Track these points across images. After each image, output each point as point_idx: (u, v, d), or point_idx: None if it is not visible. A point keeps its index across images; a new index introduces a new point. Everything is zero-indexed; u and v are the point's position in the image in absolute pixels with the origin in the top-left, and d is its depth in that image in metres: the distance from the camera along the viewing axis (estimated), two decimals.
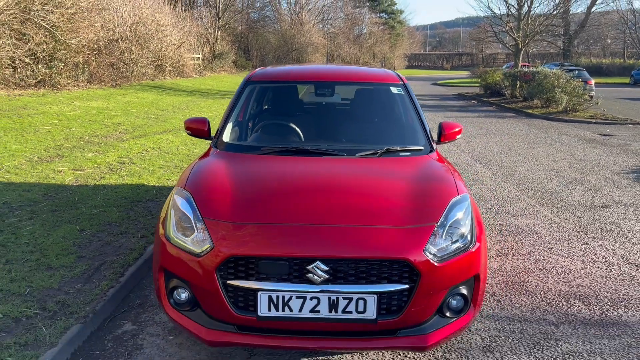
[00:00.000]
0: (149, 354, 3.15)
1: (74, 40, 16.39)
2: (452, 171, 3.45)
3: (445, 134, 3.98)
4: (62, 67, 16.05)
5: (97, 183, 6.40)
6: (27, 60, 14.92)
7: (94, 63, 17.97)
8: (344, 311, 2.67)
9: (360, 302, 2.67)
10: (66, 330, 3.16)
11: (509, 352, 3.27)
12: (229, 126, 3.92)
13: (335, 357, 3.15)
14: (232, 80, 29.72)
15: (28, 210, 5.20)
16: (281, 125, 4.02)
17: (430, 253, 2.74)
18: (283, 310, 2.67)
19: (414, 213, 2.90)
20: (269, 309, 2.68)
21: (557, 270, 4.55)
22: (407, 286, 2.69)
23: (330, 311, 2.67)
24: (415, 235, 2.77)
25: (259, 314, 2.68)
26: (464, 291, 2.91)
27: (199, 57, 31.27)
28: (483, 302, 3.91)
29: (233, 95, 4.28)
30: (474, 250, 2.91)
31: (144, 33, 22.37)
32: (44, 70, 15.36)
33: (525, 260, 4.78)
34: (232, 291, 2.71)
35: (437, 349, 3.26)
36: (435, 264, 2.73)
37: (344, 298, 2.66)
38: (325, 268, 2.64)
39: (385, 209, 2.91)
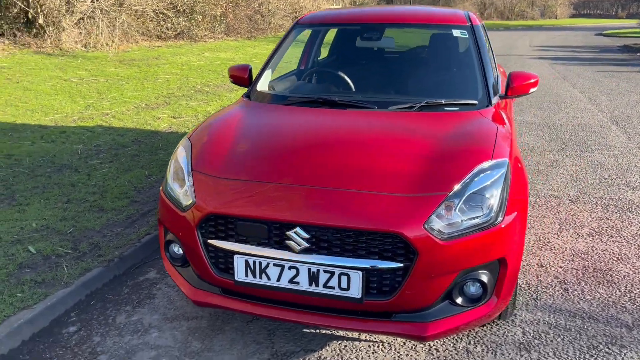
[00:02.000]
0: (156, 304, 3.11)
1: None
2: (502, 131, 2.84)
3: (513, 87, 3.30)
4: (200, 19, 16.84)
5: (187, 130, 6.57)
6: (168, 13, 15.88)
7: (231, 15, 18.60)
8: (325, 286, 2.35)
9: (343, 278, 2.32)
10: (86, 272, 3.24)
11: (551, 353, 2.69)
12: (266, 74, 3.65)
13: (341, 332, 2.85)
14: None
15: (113, 153, 5.48)
16: (320, 73, 3.67)
17: (433, 228, 2.28)
18: (260, 277, 2.42)
19: (424, 179, 2.42)
20: (246, 275, 2.44)
21: None
22: (401, 265, 2.28)
23: (310, 284, 2.36)
24: (417, 205, 2.32)
25: (236, 278, 2.46)
26: (483, 277, 2.40)
27: (338, 8, 30.95)
28: (545, 289, 3.30)
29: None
30: (500, 228, 2.38)
31: None
32: (184, 23, 16.25)
33: (625, 243, 3.95)
34: (213, 251, 2.52)
35: (459, 338, 2.80)
36: (440, 241, 2.26)
37: (325, 271, 2.33)
38: (306, 235, 2.32)
39: (392, 172, 2.47)
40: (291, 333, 2.84)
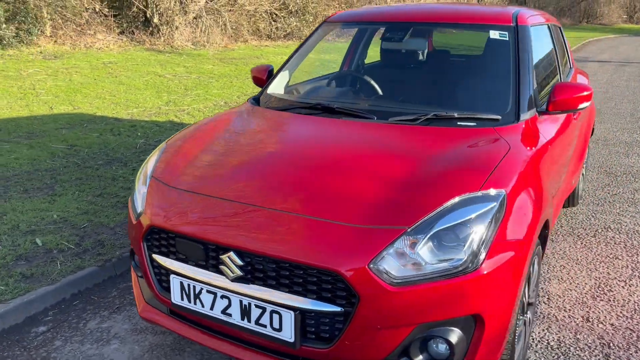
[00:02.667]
0: (134, 313, 2.96)
1: None
2: (515, 155, 2.30)
3: (555, 101, 2.70)
4: (312, 20, 16.94)
5: None
6: (280, 13, 16.16)
7: None
8: (257, 323, 2.03)
9: (275, 316, 1.98)
10: (77, 271, 3.18)
11: None
12: (282, 76, 3.36)
13: None
14: None
15: None
16: (334, 77, 3.32)
17: (381, 270, 1.86)
18: (195, 303, 2.16)
19: (386, 208, 1.99)
20: (182, 298, 2.19)
21: None
22: (340, 309, 1.89)
23: (242, 318, 2.06)
24: (365, 240, 1.91)
25: (172, 301, 2.22)
26: (451, 336, 1.93)
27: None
28: (578, 352, 2.67)
29: None
30: (475, 276, 1.89)
31: None
32: (295, 23, 16.44)
33: None
34: (157, 267, 2.31)
35: None
36: (388, 286, 1.84)
37: (257, 306, 2.01)
38: (240, 262, 2.01)
39: (353, 197, 2.07)
40: None
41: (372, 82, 3.18)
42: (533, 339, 2.78)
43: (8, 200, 4.01)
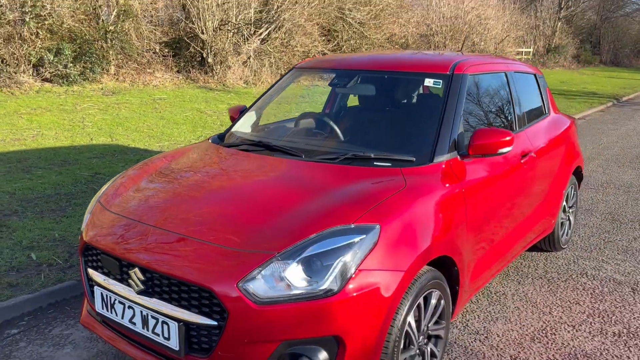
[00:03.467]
0: None
1: (377, 36, 17.61)
2: (407, 193, 2.48)
3: (473, 145, 2.86)
4: None
5: None
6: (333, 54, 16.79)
7: None
8: (153, 332, 2.32)
9: (165, 326, 2.26)
10: (57, 283, 3.60)
11: None
12: (247, 116, 3.70)
13: None
14: (592, 80, 26.78)
15: None
16: (299, 118, 3.65)
17: (248, 289, 2.10)
18: (111, 312, 2.48)
19: (262, 235, 2.24)
20: (102, 307, 2.52)
21: None
22: (215, 323, 2.15)
23: (143, 327, 2.35)
24: (238, 262, 2.16)
25: (96, 309, 2.56)
26: (316, 355, 2.13)
27: (529, 52, 29.29)
28: None
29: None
30: (335, 300, 2.10)
31: (460, 27, 22.28)
32: None
33: None
34: (90, 280, 2.65)
35: None
36: (253, 305, 2.08)
37: (152, 317, 2.30)
38: (142, 278, 2.32)
39: (240, 224, 2.34)
40: None
41: (331, 125, 3.44)
42: None
43: (22, 219, 4.55)
